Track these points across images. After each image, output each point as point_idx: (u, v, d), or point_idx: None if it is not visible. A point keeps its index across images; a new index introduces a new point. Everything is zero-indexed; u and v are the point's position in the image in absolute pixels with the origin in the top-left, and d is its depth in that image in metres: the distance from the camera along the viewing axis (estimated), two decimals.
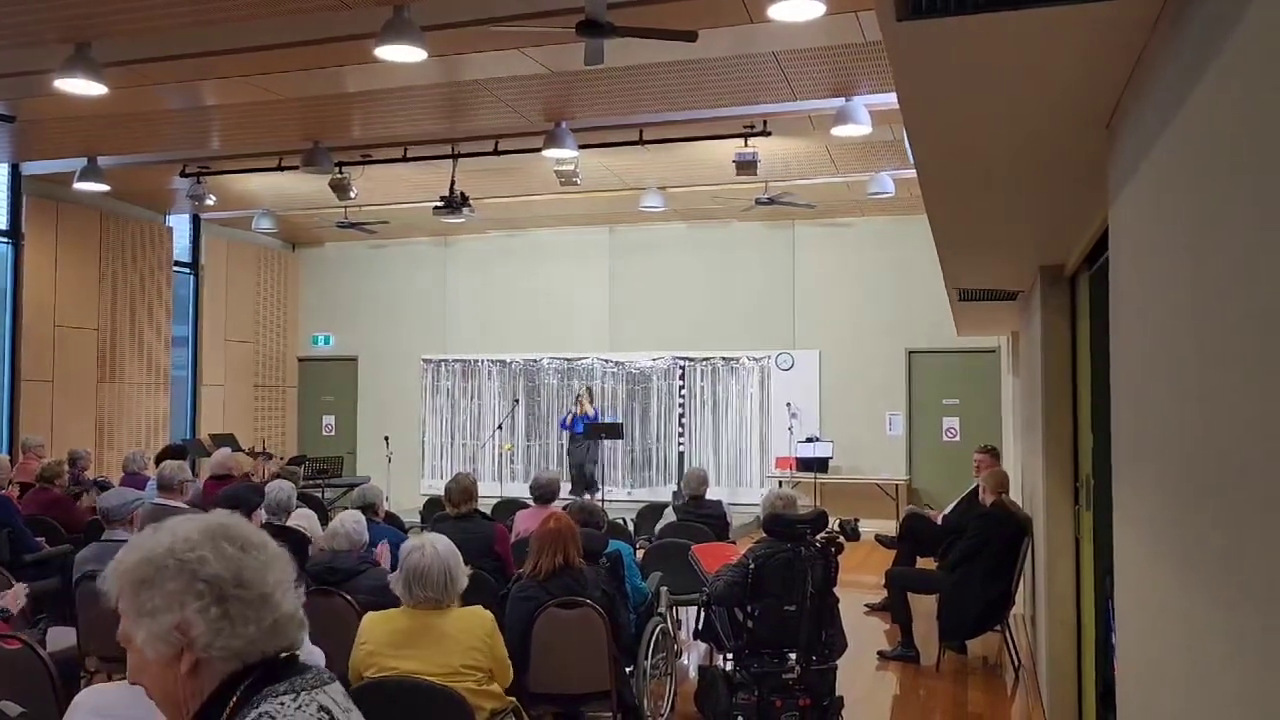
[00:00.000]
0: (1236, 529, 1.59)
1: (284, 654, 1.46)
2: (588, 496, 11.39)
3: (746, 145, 9.10)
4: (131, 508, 5.34)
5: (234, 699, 1.38)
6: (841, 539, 4.77)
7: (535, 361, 14.53)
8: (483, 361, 14.81)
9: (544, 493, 6.59)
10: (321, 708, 1.40)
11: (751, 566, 4.58)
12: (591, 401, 13.47)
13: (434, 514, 7.29)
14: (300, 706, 1.38)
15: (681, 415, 13.90)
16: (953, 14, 2.04)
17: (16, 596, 4.53)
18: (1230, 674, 1.64)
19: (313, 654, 3.65)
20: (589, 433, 12.78)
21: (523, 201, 12.58)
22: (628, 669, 4.72)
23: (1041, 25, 2.12)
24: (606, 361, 14.23)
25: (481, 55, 7.18)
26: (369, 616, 3.65)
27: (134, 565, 1.42)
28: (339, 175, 10.23)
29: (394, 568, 4.03)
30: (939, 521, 7.97)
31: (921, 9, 2.05)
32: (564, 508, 6.25)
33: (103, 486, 8.37)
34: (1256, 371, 1.47)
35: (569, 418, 13.38)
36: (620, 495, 13.24)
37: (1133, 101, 2.49)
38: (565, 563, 4.30)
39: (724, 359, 13.74)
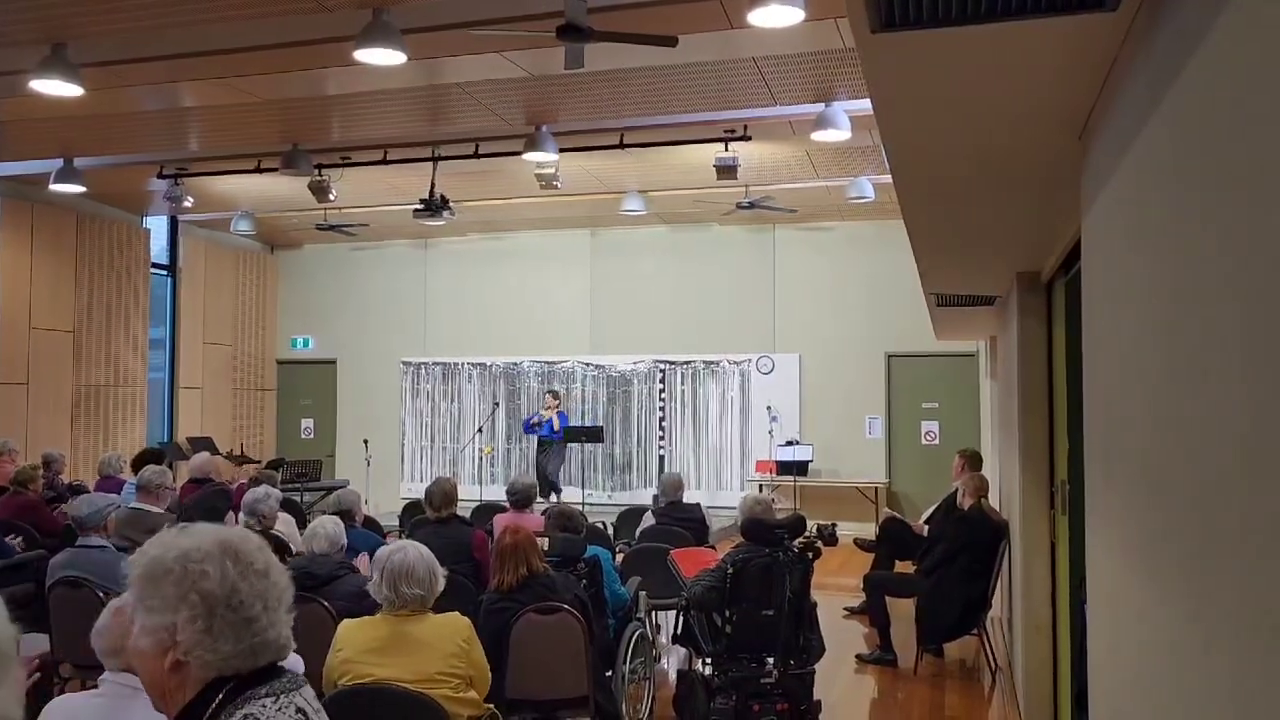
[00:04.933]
0: (1203, 537, 1.61)
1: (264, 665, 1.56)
2: (554, 498, 11.34)
3: (727, 149, 9.12)
4: (104, 514, 5.28)
5: (217, 700, 1.50)
6: (819, 544, 4.79)
7: (515, 364, 14.51)
8: (463, 364, 14.77)
9: (520, 497, 6.58)
10: (299, 709, 1.54)
11: (729, 571, 4.60)
12: (557, 401, 13.00)
13: (413, 518, 7.27)
14: (280, 709, 1.51)
15: (662, 419, 13.91)
16: (926, 26, 2.06)
17: None
18: (1199, 677, 1.66)
19: (295, 664, 3.64)
20: (570, 435, 12.68)
21: (503, 204, 12.56)
22: (606, 674, 4.72)
23: (1013, 38, 2.14)
24: (587, 365, 14.22)
25: (462, 59, 7.17)
26: (345, 624, 3.63)
27: (149, 560, 1.53)
28: (318, 177, 10.18)
29: None
30: (922, 531, 8.00)
31: (895, 21, 2.06)
32: (543, 512, 6.26)
33: (77, 491, 8.29)
34: (1224, 381, 1.49)
35: (536, 421, 12.92)
36: (600, 499, 13.22)
37: (1104, 113, 2.51)
38: (530, 572, 4.30)
39: (704, 362, 13.75)
